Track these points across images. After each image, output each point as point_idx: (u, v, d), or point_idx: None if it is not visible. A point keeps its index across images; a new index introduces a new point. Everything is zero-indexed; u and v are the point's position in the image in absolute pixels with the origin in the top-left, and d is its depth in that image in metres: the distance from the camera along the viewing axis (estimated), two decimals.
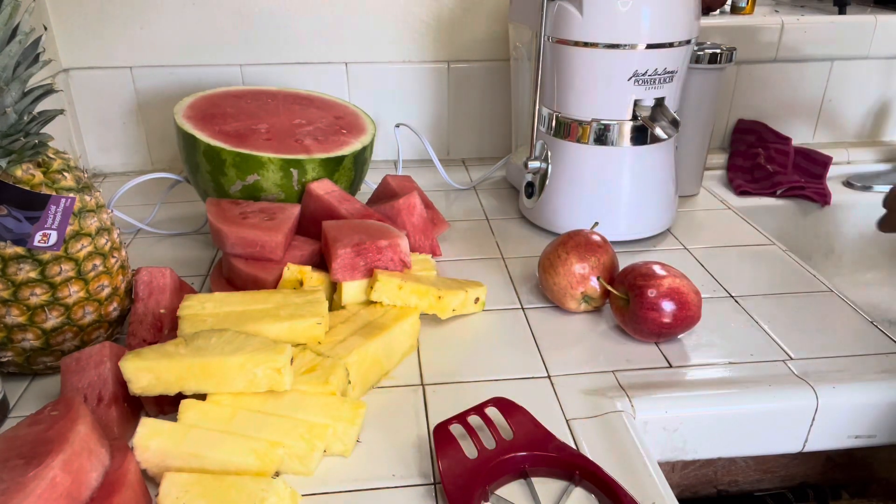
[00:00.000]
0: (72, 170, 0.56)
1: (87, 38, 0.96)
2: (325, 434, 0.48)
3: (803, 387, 0.57)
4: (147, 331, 0.58)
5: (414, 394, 0.56)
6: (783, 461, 0.66)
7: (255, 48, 1.00)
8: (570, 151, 0.79)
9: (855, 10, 1.11)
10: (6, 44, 0.50)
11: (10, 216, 0.51)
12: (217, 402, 0.49)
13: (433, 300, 0.63)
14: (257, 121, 0.80)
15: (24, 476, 0.38)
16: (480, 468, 0.46)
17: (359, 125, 0.84)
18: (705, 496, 0.67)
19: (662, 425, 0.56)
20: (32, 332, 0.54)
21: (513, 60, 0.95)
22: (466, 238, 0.84)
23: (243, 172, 0.73)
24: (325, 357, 0.53)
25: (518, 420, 0.50)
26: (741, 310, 0.68)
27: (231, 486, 0.43)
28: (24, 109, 0.52)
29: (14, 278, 0.52)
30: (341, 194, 0.74)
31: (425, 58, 1.03)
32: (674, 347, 0.62)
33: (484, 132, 1.10)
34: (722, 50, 0.86)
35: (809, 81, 1.09)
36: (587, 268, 0.65)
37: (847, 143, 1.14)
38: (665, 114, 0.74)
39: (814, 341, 0.63)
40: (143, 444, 0.46)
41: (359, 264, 0.63)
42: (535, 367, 0.60)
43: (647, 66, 0.72)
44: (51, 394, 0.57)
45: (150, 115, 1.03)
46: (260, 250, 0.65)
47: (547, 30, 0.75)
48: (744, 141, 1.09)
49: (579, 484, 0.47)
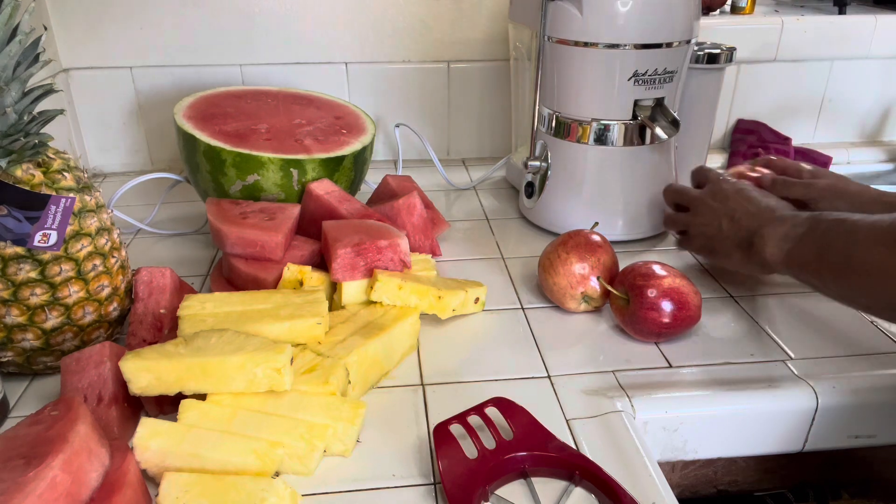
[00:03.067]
0: (72, 170, 0.56)
1: (87, 38, 0.96)
2: (325, 434, 0.48)
3: (803, 387, 0.57)
4: (147, 331, 0.58)
5: (414, 394, 0.56)
6: (783, 461, 0.66)
7: (255, 48, 1.00)
8: (570, 151, 0.79)
9: (855, 10, 1.11)
10: (6, 44, 0.50)
11: (10, 216, 0.51)
12: (217, 402, 0.49)
13: (433, 300, 0.63)
14: (257, 121, 0.80)
15: (24, 476, 0.38)
16: (480, 468, 0.46)
17: (359, 125, 0.84)
18: (705, 496, 0.67)
19: (662, 425, 0.56)
20: (32, 332, 0.54)
21: (513, 60, 0.95)
22: (466, 238, 0.84)
23: (243, 172, 0.73)
24: (325, 357, 0.53)
25: (518, 420, 0.50)
26: (741, 310, 0.68)
27: (231, 486, 0.43)
28: (24, 109, 0.52)
29: (14, 278, 0.52)
30: (341, 194, 0.74)
31: (425, 58, 1.03)
32: (674, 347, 0.62)
33: (484, 132, 1.10)
34: (722, 50, 0.86)
35: (809, 81, 1.09)
36: (587, 268, 0.65)
37: (847, 143, 1.14)
38: (665, 114, 0.74)
39: (814, 341, 0.63)
40: (143, 444, 0.46)
41: (359, 264, 0.63)
42: (535, 367, 0.60)
43: (647, 66, 0.72)
44: (51, 394, 0.57)
45: (150, 115, 1.03)
46: (260, 250, 0.65)
47: (547, 30, 0.75)
48: (744, 141, 1.09)
49: (579, 484, 0.47)
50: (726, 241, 0.64)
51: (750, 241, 0.61)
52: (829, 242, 0.52)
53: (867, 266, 0.47)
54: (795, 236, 0.56)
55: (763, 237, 0.59)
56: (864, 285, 0.49)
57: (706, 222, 0.67)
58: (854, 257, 0.48)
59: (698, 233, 0.68)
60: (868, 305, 0.51)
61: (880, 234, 0.47)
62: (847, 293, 0.52)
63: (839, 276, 0.51)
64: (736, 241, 0.63)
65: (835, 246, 0.51)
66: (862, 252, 0.48)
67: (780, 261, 0.58)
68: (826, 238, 0.52)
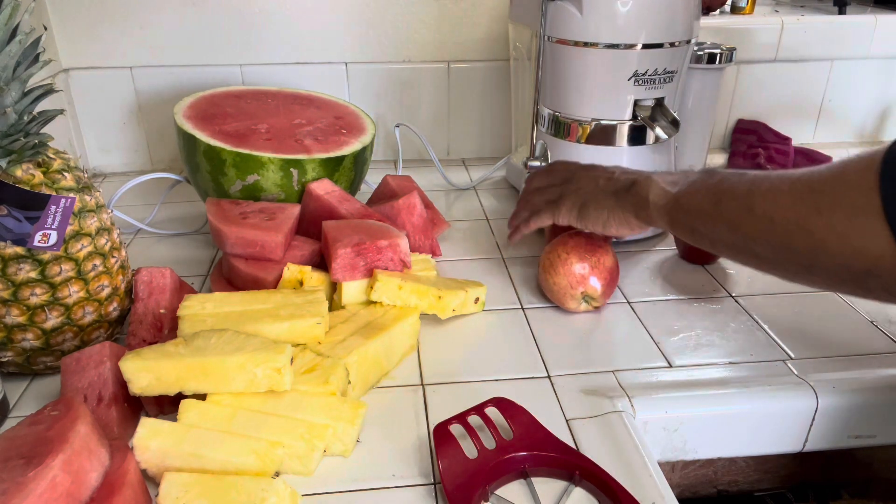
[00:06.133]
0: (72, 170, 0.56)
1: (87, 38, 0.96)
2: (325, 434, 0.48)
3: (803, 387, 0.57)
4: (147, 331, 0.58)
5: (414, 394, 0.56)
6: (783, 461, 0.66)
7: (255, 48, 1.00)
8: (570, 151, 0.79)
9: (855, 10, 1.11)
10: (6, 44, 0.50)
11: (10, 216, 0.51)
12: (217, 402, 0.49)
13: (433, 300, 0.63)
14: (257, 121, 0.80)
15: (24, 476, 0.38)
16: (480, 468, 0.46)
17: (359, 125, 0.84)
18: (705, 496, 0.67)
19: (662, 425, 0.56)
20: (32, 332, 0.54)
21: (513, 60, 0.95)
22: (466, 238, 0.84)
23: (243, 172, 0.73)
24: (325, 357, 0.53)
25: (518, 420, 0.50)
26: (741, 310, 0.68)
27: (231, 486, 0.43)
28: (24, 109, 0.52)
29: (14, 278, 0.52)
30: (341, 194, 0.74)
31: (425, 58, 1.03)
32: (674, 347, 0.62)
33: (484, 132, 1.10)
34: (722, 50, 0.86)
35: (809, 81, 1.09)
36: (587, 268, 0.65)
37: (847, 143, 1.14)
38: (665, 114, 0.74)
39: (814, 341, 0.63)
40: (143, 444, 0.46)
41: (359, 264, 0.63)
42: (535, 367, 0.60)
43: (646, 66, 0.72)
44: (51, 394, 0.57)
45: (150, 115, 1.03)
46: (260, 250, 0.65)
47: (547, 30, 0.75)
48: (744, 141, 1.09)
49: (579, 484, 0.47)
50: (600, 194, 0.63)
51: (629, 187, 0.60)
52: (728, 190, 0.51)
53: (770, 213, 0.46)
54: (686, 183, 0.55)
55: (648, 180, 0.59)
56: (763, 232, 0.47)
57: (580, 185, 0.65)
58: (757, 205, 0.47)
59: (570, 193, 0.65)
60: (761, 255, 0.49)
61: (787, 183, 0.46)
62: (741, 242, 0.50)
63: (737, 225, 0.49)
64: (612, 189, 0.62)
65: (736, 193, 0.50)
66: (765, 201, 0.47)
67: (662, 205, 0.57)
68: (724, 186, 0.52)
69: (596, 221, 0.63)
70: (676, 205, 0.55)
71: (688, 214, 0.55)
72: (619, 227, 0.62)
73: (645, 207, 0.58)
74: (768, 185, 0.47)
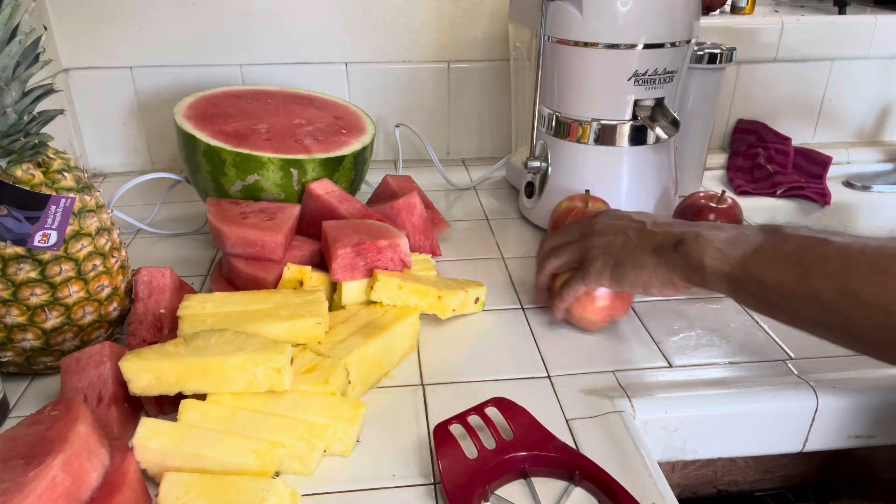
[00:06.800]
0: (72, 170, 0.56)
1: (87, 38, 0.96)
2: (325, 434, 0.48)
3: (803, 387, 0.57)
4: (147, 331, 0.58)
5: (414, 394, 0.56)
6: (783, 461, 0.66)
7: (255, 48, 1.00)
8: (570, 151, 0.79)
9: (855, 10, 1.11)
10: (6, 44, 0.50)
11: (10, 216, 0.51)
12: (217, 402, 0.49)
13: (433, 300, 0.63)
14: (257, 121, 0.80)
15: (24, 476, 0.38)
16: (480, 468, 0.46)
17: (359, 125, 0.84)
18: (705, 496, 0.67)
19: (662, 425, 0.56)
20: (32, 332, 0.54)
21: (513, 60, 0.95)
22: (466, 238, 0.84)
23: (243, 172, 0.73)
24: (325, 357, 0.53)
25: (518, 420, 0.50)
26: (741, 310, 0.68)
27: (231, 486, 0.43)
28: (24, 109, 0.52)
29: (14, 278, 0.52)
30: (341, 194, 0.74)
31: (425, 58, 1.03)
32: (674, 347, 0.62)
33: (484, 132, 1.10)
34: (722, 50, 0.86)
35: (809, 81, 1.09)
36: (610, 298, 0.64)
37: (847, 143, 1.14)
38: (665, 114, 0.74)
39: (814, 341, 0.63)
40: (143, 444, 0.46)
41: (359, 264, 0.63)
42: (535, 367, 0.60)
43: (646, 66, 0.72)
44: (51, 394, 0.57)
45: (150, 115, 1.02)
46: (260, 250, 0.65)
47: (547, 30, 0.75)
48: (744, 141, 1.09)
49: (579, 484, 0.47)
50: (636, 250, 0.55)
51: (674, 244, 0.53)
52: (815, 263, 0.44)
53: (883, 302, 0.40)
54: (750, 246, 0.48)
55: (698, 238, 0.51)
56: (870, 318, 0.41)
57: (607, 240, 0.58)
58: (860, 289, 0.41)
59: (598, 253, 0.58)
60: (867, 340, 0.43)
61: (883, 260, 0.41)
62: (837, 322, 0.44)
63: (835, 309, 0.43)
64: (651, 246, 0.55)
65: (826, 270, 0.43)
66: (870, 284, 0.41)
67: (724, 272, 0.49)
68: (807, 257, 0.45)
69: (635, 283, 0.55)
70: (745, 274, 0.48)
71: (762, 288, 0.47)
72: (664, 288, 0.55)
73: (698, 271, 0.51)
74: (868, 264, 0.41)
